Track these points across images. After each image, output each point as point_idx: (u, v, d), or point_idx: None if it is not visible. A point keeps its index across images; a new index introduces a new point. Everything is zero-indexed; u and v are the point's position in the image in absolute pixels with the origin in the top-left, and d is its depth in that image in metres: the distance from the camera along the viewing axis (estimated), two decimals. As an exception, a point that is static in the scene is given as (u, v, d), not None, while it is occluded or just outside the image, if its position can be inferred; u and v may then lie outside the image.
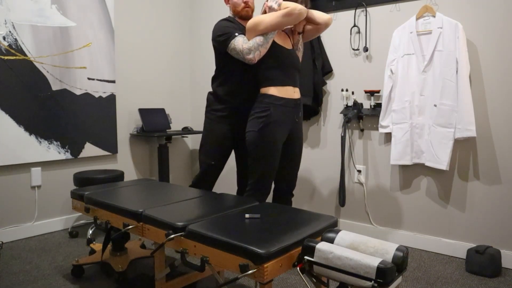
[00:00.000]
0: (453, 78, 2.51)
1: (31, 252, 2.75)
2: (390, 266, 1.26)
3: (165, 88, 4.00)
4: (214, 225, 1.63)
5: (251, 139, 2.26)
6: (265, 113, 2.23)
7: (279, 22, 2.17)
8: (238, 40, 2.22)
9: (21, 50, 2.95)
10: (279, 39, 2.34)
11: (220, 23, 2.35)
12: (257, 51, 2.18)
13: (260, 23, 2.18)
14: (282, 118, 2.26)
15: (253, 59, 2.19)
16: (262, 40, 2.19)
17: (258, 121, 2.23)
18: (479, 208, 2.59)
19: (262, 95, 2.27)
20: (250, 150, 2.28)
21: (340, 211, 3.22)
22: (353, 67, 3.07)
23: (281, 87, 2.27)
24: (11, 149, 2.92)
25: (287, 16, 2.16)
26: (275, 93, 2.26)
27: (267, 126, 2.22)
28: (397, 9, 2.84)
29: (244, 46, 2.19)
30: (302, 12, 2.19)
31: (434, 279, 2.34)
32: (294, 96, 2.32)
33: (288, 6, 2.18)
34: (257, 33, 2.19)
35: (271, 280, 1.41)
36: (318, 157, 3.30)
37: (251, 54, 2.17)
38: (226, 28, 2.30)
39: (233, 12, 2.44)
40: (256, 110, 2.26)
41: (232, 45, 2.22)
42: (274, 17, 2.16)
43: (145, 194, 2.22)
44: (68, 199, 3.30)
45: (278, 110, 2.24)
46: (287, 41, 2.39)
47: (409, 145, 2.71)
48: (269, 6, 2.24)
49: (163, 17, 3.94)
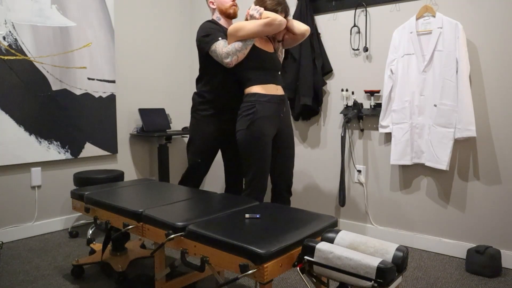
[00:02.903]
0: (453, 78, 2.51)
1: (31, 252, 2.75)
2: (390, 266, 1.26)
3: (165, 88, 4.00)
4: (214, 225, 1.63)
5: (241, 137, 2.33)
6: (251, 110, 2.31)
7: (259, 31, 2.27)
8: (219, 44, 2.32)
9: (21, 50, 2.95)
10: (261, 43, 2.44)
11: (205, 25, 2.44)
12: (235, 56, 2.28)
13: (241, 30, 2.27)
14: (268, 114, 2.34)
15: (230, 63, 2.29)
16: (241, 46, 2.28)
17: (245, 119, 2.31)
18: (479, 208, 2.59)
19: (247, 95, 2.37)
20: (242, 148, 2.34)
21: (340, 211, 3.22)
22: (353, 67, 3.07)
23: (264, 85, 2.37)
24: (11, 149, 2.92)
25: (267, 25, 2.27)
26: (259, 90, 2.35)
27: (255, 122, 2.30)
28: (397, 9, 2.84)
29: (223, 50, 2.29)
30: (281, 23, 2.31)
31: (434, 279, 2.34)
32: (277, 92, 2.41)
33: (269, 16, 2.28)
34: (237, 38, 2.29)
35: (271, 280, 1.41)
36: (318, 157, 3.30)
37: (228, 58, 2.28)
38: (210, 29, 2.39)
39: (220, 12, 2.51)
40: (243, 109, 2.35)
41: (214, 47, 2.33)
42: (255, 26, 2.26)
43: (145, 194, 2.22)
44: (68, 199, 3.30)
45: (264, 106, 2.33)
46: (269, 45, 2.49)
47: (409, 145, 2.71)
48: (251, 15, 2.35)
49: (163, 17, 3.94)
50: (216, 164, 4.07)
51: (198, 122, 2.54)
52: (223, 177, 4.03)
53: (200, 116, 2.53)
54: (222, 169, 4.02)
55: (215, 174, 4.12)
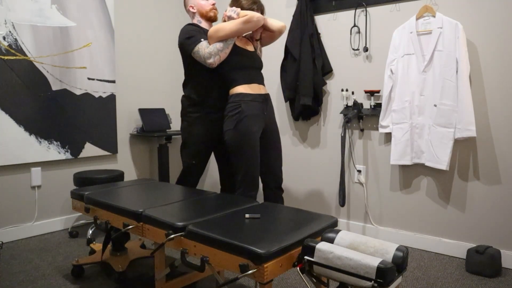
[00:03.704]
0: (453, 78, 2.51)
1: (31, 252, 2.75)
2: (390, 266, 1.26)
3: (165, 88, 4.00)
4: (214, 225, 1.63)
5: (229, 137, 2.37)
6: (237, 110, 2.35)
7: (239, 29, 2.31)
8: (202, 45, 2.35)
9: (21, 50, 2.95)
10: (241, 43, 2.49)
11: (186, 27, 2.46)
12: (217, 55, 2.32)
13: (221, 30, 2.31)
14: (254, 112, 2.38)
15: (213, 63, 2.32)
16: (222, 45, 2.32)
17: (232, 119, 2.36)
18: (479, 208, 2.59)
19: (232, 95, 2.41)
20: (231, 148, 2.37)
21: (340, 211, 3.22)
22: (353, 67, 3.07)
23: (248, 84, 2.41)
24: (11, 149, 2.92)
25: (246, 23, 2.31)
26: (243, 90, 2.40)
27: (241, 121, 2.34)
28: (397, 9, 2.84)
29: (205, 51, 2.32)
30: (259, 19, 2.35)
31: (434, 279, 2.34)
32: (261, 91, 2.46)
33: (246, 14, 2.33)
34: (218, 39, 2.33)
35: (271, 280, 1.41)
36: (318, 157, 3.30)
37: (211, 58, 2.31)
38: (192, 32, 2.41)
39: (200, 15, 2.55)
40: (229, 109, 2.39)
41: (196, 48, 2.35)
42: (234, 24, 2.31)
43: (145, 194, 2.22)
44: (68, 199, 3.30)
45: (249, 105, 2.37)
46: (249, 44, 2.54)
47: (409, 145, 2.71)
48: (228, 16, 2.39)
49: (163, 17, 3.94)
50: (215, 164, 4.05)
51: (189, 124, 2.54)
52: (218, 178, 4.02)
53: (191, 118, 2.53)
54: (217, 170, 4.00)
55: (215, 174, 4.11)
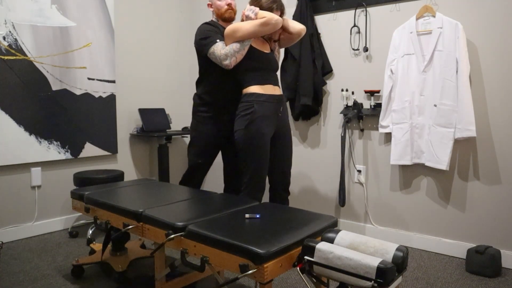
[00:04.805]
0: (453, 78, 2.51)
1: (31, 252, 2.75)
2: (390, 266, 1.26)
3: (165, 88, 4.00)
4: (214, 225, 1.63)
5: (239, 137, 2.33)
6: (250, 110, 2.31)
7: (256, 31, 2.28)
8: (218, 46, 2.32)
9: (21, 50, 2.95)
10: (257, 44, 2.44)
11: (202, 27, 2.45)
12: (234, 57, 2.28)
13: (238, 31, 2.28)
14: (266, 113, 2.34)
15: (229, 65, 2.30)
16: (239, 47, 2.29)
17: (244, 119, 2.32)
18: (479, 208, 2.59)
19: (245, 95, 2.37)
20: (240, 148, 2.34)
21: (340, 211, 3.22)
22: (353, 67, 3.07)
23: (262, 85, 2.37)
24: (11, 149, 2.92)
25: (263, 25, 2.27)
26: (257, 90, 2.35)
27: (253, 122, 2.30)
28: (397, 9, 2.84)
29: (221, 52, 2.29)
30: (278, 22, 2.30)
31: (434, 279, 2.34)
32: (275, 92, 2.42)
33: (264, 16, 2.29)
34: (234, 39, 2.29)
35: (271, 280, 1.41)
36: (318, 157, 3.30)
37: (227, 60, 2.28)
38: (208, 32, 2.40)
39: (217, 15, 2.54)
40: (241, 109, 2.35)
41: (212, 49, 2.33)
42: (251, 26, 2.27)
43: (145, 194, 2.22)
44: (68, 199, 3.30)
45: (262, 105, 2.33)
46: (265, 46, 2.50)
47: (409, 145, 2.71)
48: (246, 15, 2.35)
49: (163, 17, 3.94)
50: (216, 164, 4.07)
51: (198, 123, 2.55)
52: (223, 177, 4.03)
53: (200, 117, 2.54)
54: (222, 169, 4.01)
55: (215, 174, 4.11)
